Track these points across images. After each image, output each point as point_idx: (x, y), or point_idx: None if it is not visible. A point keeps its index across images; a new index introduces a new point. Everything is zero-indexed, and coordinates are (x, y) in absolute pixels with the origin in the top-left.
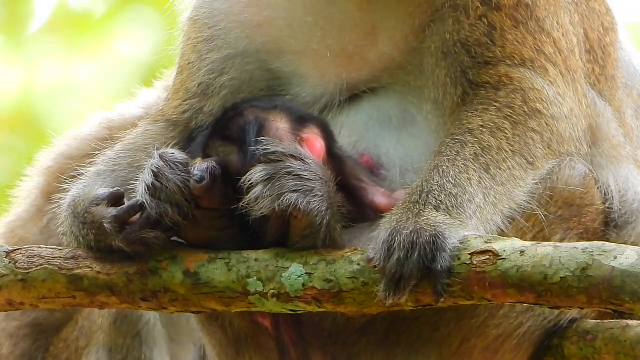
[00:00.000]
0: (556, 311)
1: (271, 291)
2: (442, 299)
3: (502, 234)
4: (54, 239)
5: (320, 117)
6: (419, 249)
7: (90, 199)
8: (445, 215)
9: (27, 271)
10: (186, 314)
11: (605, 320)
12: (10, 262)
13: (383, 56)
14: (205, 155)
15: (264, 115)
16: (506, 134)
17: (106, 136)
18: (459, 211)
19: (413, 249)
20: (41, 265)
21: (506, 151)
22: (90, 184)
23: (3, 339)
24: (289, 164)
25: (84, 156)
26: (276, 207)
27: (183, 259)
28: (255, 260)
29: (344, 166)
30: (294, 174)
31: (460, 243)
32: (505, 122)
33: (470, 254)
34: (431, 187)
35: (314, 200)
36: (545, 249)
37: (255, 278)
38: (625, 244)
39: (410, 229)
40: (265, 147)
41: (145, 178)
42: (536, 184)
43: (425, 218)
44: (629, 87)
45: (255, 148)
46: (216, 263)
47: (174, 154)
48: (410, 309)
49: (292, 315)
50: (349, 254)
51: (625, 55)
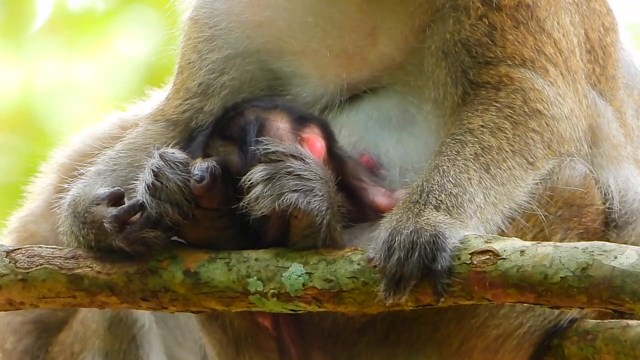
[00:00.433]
0: (556, 311)
1: (271, 291)
2: (442, 299)
3: (502, 234)
4: None
5: (321, 117)
6: (419, 248)
7: (90, 198)
8: (446, 215)
9: (27, 271)
10: (185, 314)
11: (606, 320)
12: (10, 262)
13: (383, 56)
14: (206, 155)
15: (265, 114)
16: (506, 134)
17: (120, 135)
18: (459, 211)
19: (413, 248)
20: (41, 264)
21: (506, 151)
22: (91, 183)
23: (7, 334)
24: (289, 164)
25: (97, 155)
26: (276, 207)
27: (183, 258)
28: (256, 260)
29: (344, 166)
30: (294, 173)
31: (461, 243)
32: (505, 122)
33: (470, 254)
34: (431, 187)
35: (314, 200)
36: (545, 248)
37: (256, 278)
38: (625, 243)
39: (411, 229)
40: (265, 147)
41: (145, 178)
42: (536, 184)
43: (425, 218)
44: (630, 87)
45: (255, 148)
46: (216, 263)
47: (174, 153)
48: (410, 308)
49: (292, 315)
50: (349, 253)
51: (625, 55)
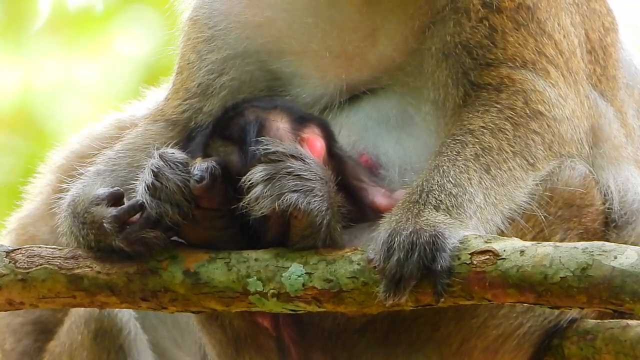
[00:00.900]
0: (556, 311)
1: (271, 291)
2: (442, 299)
3: (502, 234)
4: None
5: (321, 117)
6: (418, 249)
7: (90, 198)
8: (445, 215)
9: (27, 271)
10: (185, 314)
11: (605, 320)
12: (10, 262)
13: (383, 57)
14: (206, 155)
15: (264, 115)
16: (507, 135)
17: (117, 136)
18: (459, 211)
19: (413, 249)
20: (41, 264)
21: (507, 152)
22: (90, 183)
23: (7, 335)
24: (289, 164)
25: (95, 155)
26: (276, 207)
27: (183, 258)
28: (255, 260)
29: (344, 166)
30: (294, 174)
31: (460, 243)
32: (506, 124)
33: (470, 254)
34: (431, 187)
35: (314, 200)
36: (545, 248)
37: (255, 278)
38: (625, 244)
39: (410, 230)
40: (265, 147)
41: (145, 178)
42: (536, 184)
43: (425, 218)
44: (630, 87)
45: (255, 148)
46: (216, 263)
47: (173, 153)
48: (410, 309)
49: (292, 315)
50: (349, 253)
51: (626, 55)
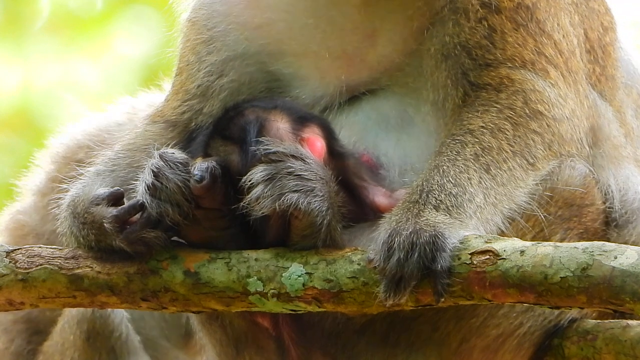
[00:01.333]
0: (556, 311)
1: (271, 291)
2: (443, 299)
3: (502, 234)
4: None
5: (321, 116)
6: (418, 249)
7: (90, 198)
8: (445, 215)
9: (27, 271)
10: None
11: (606, 320)
12: (10, 262)
13: (382, 58)
14: (206, 155)
15: (265, 115)
16: (507, 134)
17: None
18: (459, 211)
19: (413, 249)
20: (41, 265)
21: (507, 152)
22: (90, 183)
23: None
24: (289, 164)
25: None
26: (277, 207)
27: (183, 258)
28: (256, 260)
29: (345, 164)
30: (295, 174)
31: (460, 243)
32: (506, 123)
33: (470, 254)
34: (431, 187)
35: (315, 200)
36: (545, 248)
37: (256, 278)
38: (625, 243)
39: (410, 230)
40: (266, 147)
41: (145, 178)
42: (536, 184)
43: (424, 218)
44: (629, 87)
45: (256, 148)
46: (216, 263)
47: (174, 153)
48: (410, 308)
49: (292, 315)
50: (349, 253)
51: (624, 55)
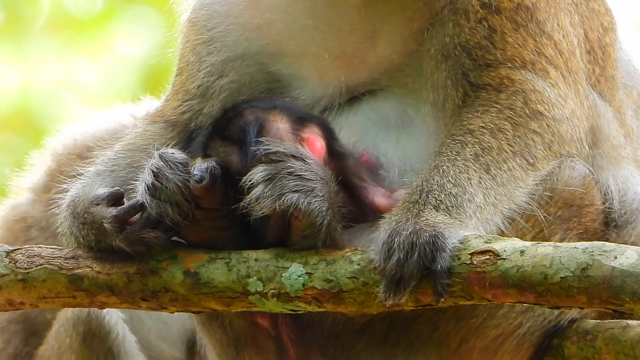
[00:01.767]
0: (556, 311)
1: (271, 291)
2: (442, 299)
3: (502, 234)
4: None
5: (320, 117)
6: (418, 249)
7: (89, 198)
8: (445, 215)
9: (27, 271)
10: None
11: (605, 320)
12: (10, 262)
13: (382, 59)
14: (206, 156)
15: (264, 115)
16: (507, 135)
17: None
18: (459, 211)
19: (413, 249)
20: (41, 265)
21: (507, 152)
22: (90, 183)
23: None
24: (289, 164)
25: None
26: (277, 207)
27: (183, 258)
28: (255, 260)
29: (345, 165)
30: (295, 174)
31: (460, 243)
32: (506, 124)
33: (470, 254)
34: (431, 187)
35: (315, 201)
36: (545, 248)
37: (255, 278)
38: (625, 243)
39: (410, 230)
40: (266, 147)
41: (145, 178)
42: (536, 184)
43: (424, 218)
44: (629, 87)
45: (255, 148)
46: (216, 263)
47: (173, 154)
48: (410, 309)
49: (292, 316)
50: (349, 253)
51: (624, 55)
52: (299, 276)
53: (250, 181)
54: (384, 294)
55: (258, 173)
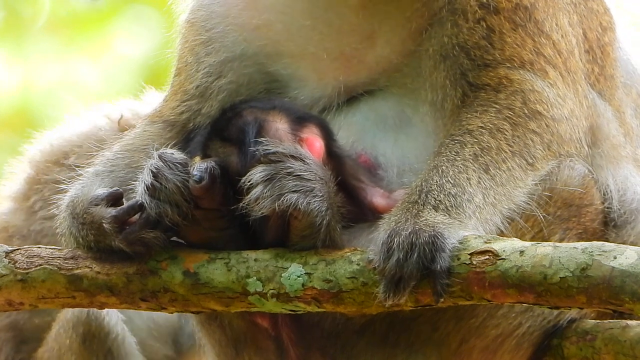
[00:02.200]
0: (555, 311)
1: (271, 291)
2: (442, 299)
3: (501, 234)
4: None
5: (319, 117)
6: (418, 249)
7: (89, 199)
8: (444, 215)
9: (27, 271)
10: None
11: (605, 320)
12: (9, 262)
13: (380, 59)
14: (205, 156)
15: (263, 115)
16: (506, 135)
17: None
18: (458, 211)
19: (412, 249)
20: (40, 265)
21: (506, 152)
22: (89, 184)
23: None
24: (289, 164)
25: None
26: (276, 208)
27: (183, 259)
28: (255, 260)
29: (343, 166)
30: (294, 174)
31: (460, 243)
32: (505, 124)
33: (469, 254)
34: (430, 187)
35: (314, 201)
36: (544, 249)
37: (255, 278)
38: (624, 243)
39: (409, 230)
40: (265, 148)
41: (144, 178)
42: (535, 184)
43: (424, 219)
44: (628, 86)
45: (255, 148)
46: (216, 263)
47: (173, 154)
48: (410, 309)
49: (292, 316)
50: (348, 254)
51: (623, 54)
52: (299, 276)
53: (249, 181)
54: (383, 294)
55: (257, 173)
